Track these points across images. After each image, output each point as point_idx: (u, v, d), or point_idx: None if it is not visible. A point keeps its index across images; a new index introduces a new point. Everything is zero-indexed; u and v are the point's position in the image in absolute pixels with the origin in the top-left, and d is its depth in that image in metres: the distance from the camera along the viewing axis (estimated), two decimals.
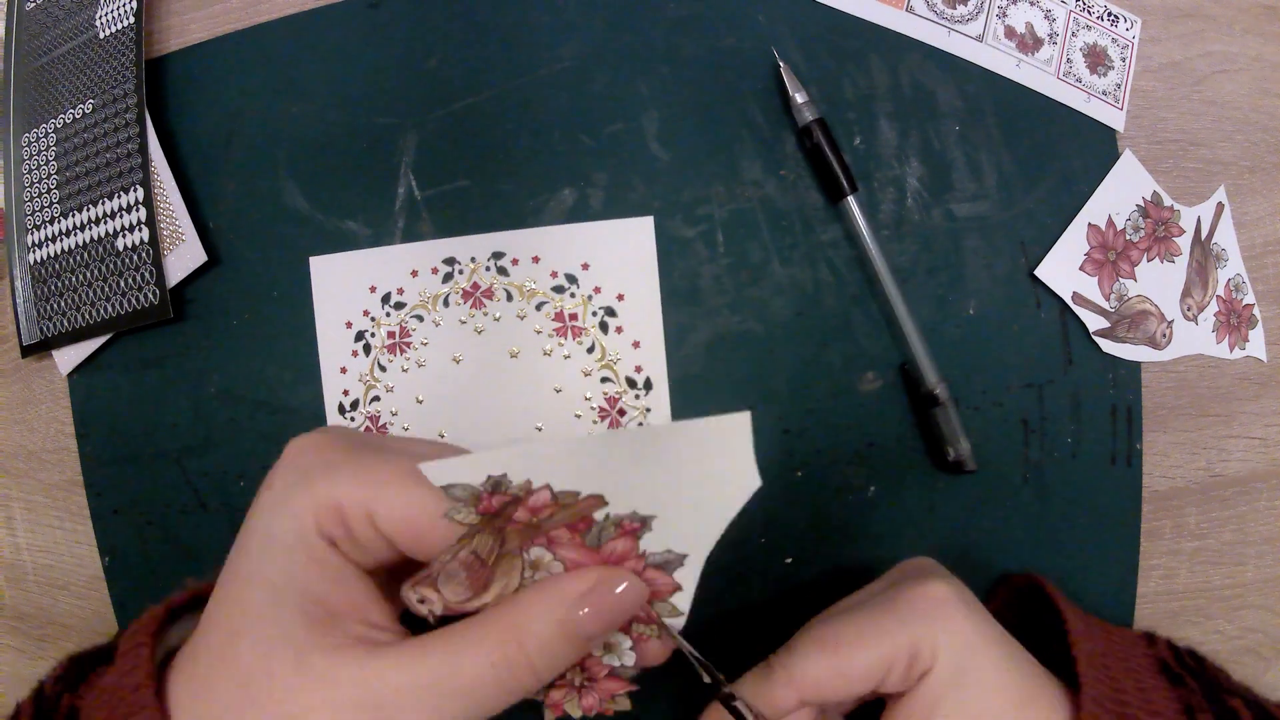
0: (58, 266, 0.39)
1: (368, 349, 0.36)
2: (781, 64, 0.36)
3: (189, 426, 0.38)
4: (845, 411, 0.37)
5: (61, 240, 0.39)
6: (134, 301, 0.37)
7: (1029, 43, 0.39)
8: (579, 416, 0.35)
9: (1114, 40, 0.40)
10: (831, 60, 0.37)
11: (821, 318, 0.36)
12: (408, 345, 0.36)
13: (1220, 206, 0.40)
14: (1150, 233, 0.39)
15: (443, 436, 0.36)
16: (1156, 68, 0.40)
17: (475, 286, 0.36)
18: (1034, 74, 0.38)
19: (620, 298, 0.36)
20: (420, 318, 0.36)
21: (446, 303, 0.36)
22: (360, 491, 0.20)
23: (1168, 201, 0.39)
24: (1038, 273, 0.37)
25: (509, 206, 0.37)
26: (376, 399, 0.36)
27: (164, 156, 0.37)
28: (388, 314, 0.36)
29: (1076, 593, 0.38)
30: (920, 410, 0.36)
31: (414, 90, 0.38)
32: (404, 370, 0.36)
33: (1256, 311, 0.40)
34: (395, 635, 0.22)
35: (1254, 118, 0.41)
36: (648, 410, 0.36)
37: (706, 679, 0.25)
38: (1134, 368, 0.38)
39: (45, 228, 0.40)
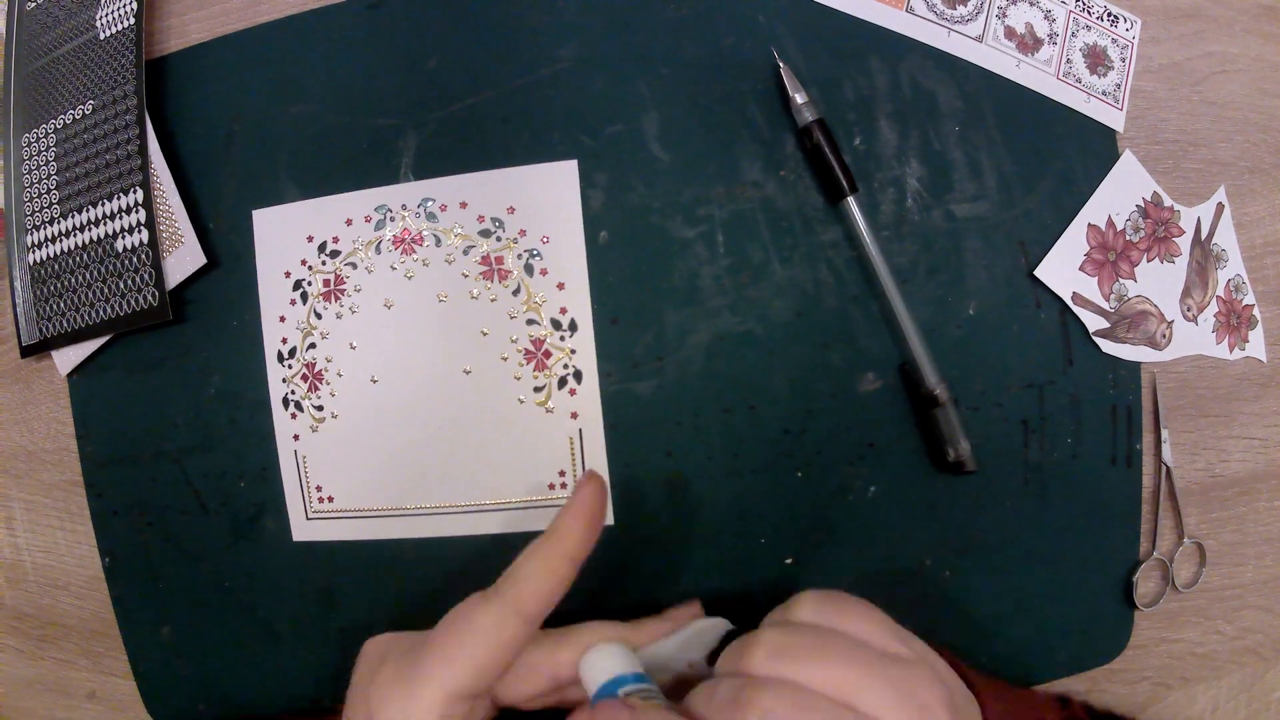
0: (57, 267, 0.39)
1: (305, 297, 0.37)
2: (781, 64, 0.36)
3: (189, 427, 0.38)
4: (845, 412, 0.37)
5: (61, 241, 0.39)
6: (133, 303, 0.37)
7: (1029, 43, 0.39)
8: (505, 359, 0.36)
9: (1114, 41, 0.40)
10: (831, 61, 0.37)
11: (822, 318, 0.36)
12: (342, 292, 0.37)
13: (1220, 207, 0.40)
14: (1150, 233, 0.39)
15: (375, 381, 0.37)
16: (1157, 68, 0.40)
17: (405, 233, 0.37)
18: (1034, 74, 0.38)
19: (545, 240, 0.36)
20: (354, 265, 0.37)
21: (379, 249, 0.37)
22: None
23: (1168, 202, 0.39)
24: (1038, 273, 0.37)
25: None
26: (312, 346, 0.37)
27: (164, 158, 0.37)
28: (323, 262, 0.37)
29: (1076, 593, 0.38)
30: (920, 411, 0.36)
31: (414, 91, 0.37)
32: (338, 317, 0.37)
33: (1256, 312, 0.40)
34: None
35: (1254, 118, 0.41)
36: (572, 351, 0.36)
37: None
38: (1134, 368, 0.38)
39: (45, 228, 0.40)
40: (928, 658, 0.26)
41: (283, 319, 0.38)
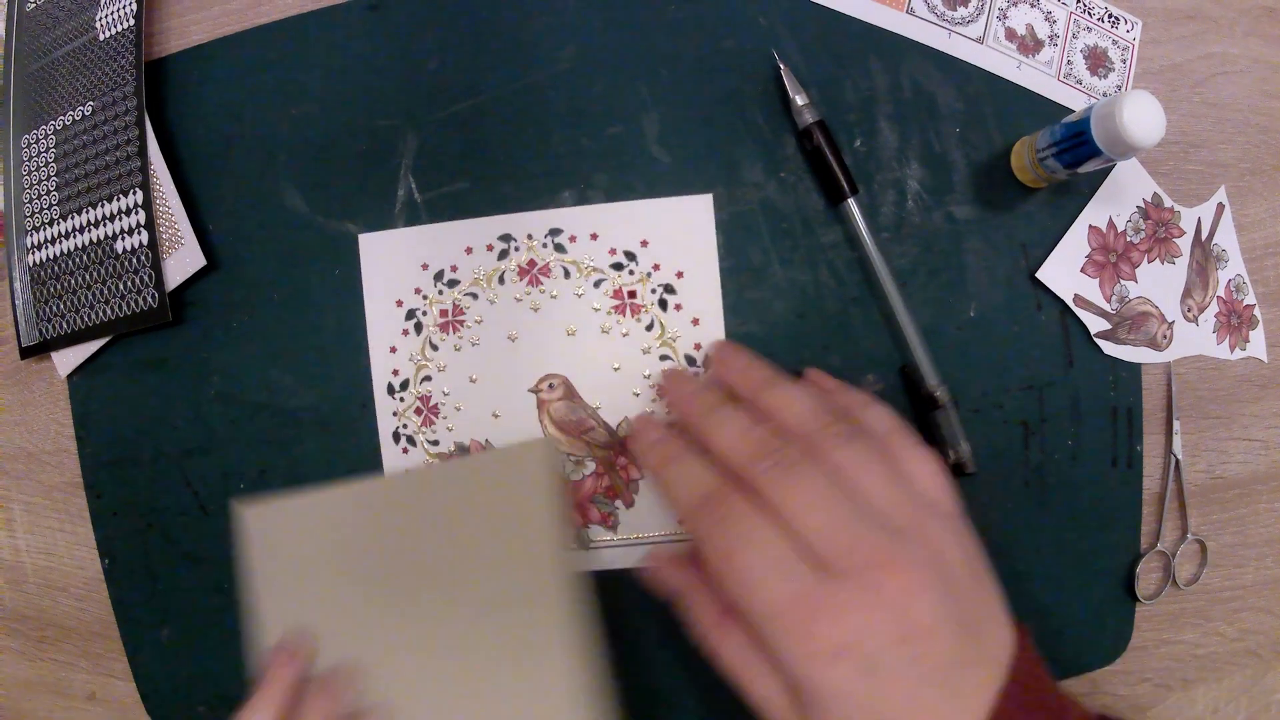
0: (57, 268, 0.39)
1: (419, 327, 0.36)
2: (782, 66, 0.36)
3: (189, 429, 0.38)
4: None
5: (61, 242, 0.39)
6: (133, 304, 0.37)
7: (1029, 44, 0.39)
8: (637, 395, 0.35)
9: (1114, 42, 0.40)
10: (832, 62, 0.37)
11: (822, 320, 0.36)
12: (461, 324, 0.35)
13: (1220, 207, 0.40)
14: (1151, 234, 0.39)
15: (497, 416, 0.35)
16: (1157, 70, 0.40)
17: (532, 264, 0.35)
18: (1034, 76, 0.38)
19: (679, 275, 0.36)
20: (474, 295, 0.35)
21: (502, 280, 0.35)
22: None
23: (1168, 203, 0.39)
24: (1039, 275, 0.37)
25: (509, 208, 0.37)
26: (428, 379, 0.36)
27: (163, 159, 0.37)
28: (440, 291, 0.36)
29: (1077, 595, 0.38)
30: (921, 412, 0.36)
31: (414, 92, 0.37)
32: (456, 349, 0.35)
33: (1257, 312, 0.40)
34: None
35: (1254, 120, 0.41)
36: None
37: None
38: (1135, 369, 0.38)
39: (45, 229, 0.40)
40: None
41: (394, 350, 0.36)
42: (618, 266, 0.35)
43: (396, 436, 0.36)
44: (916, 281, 0.37)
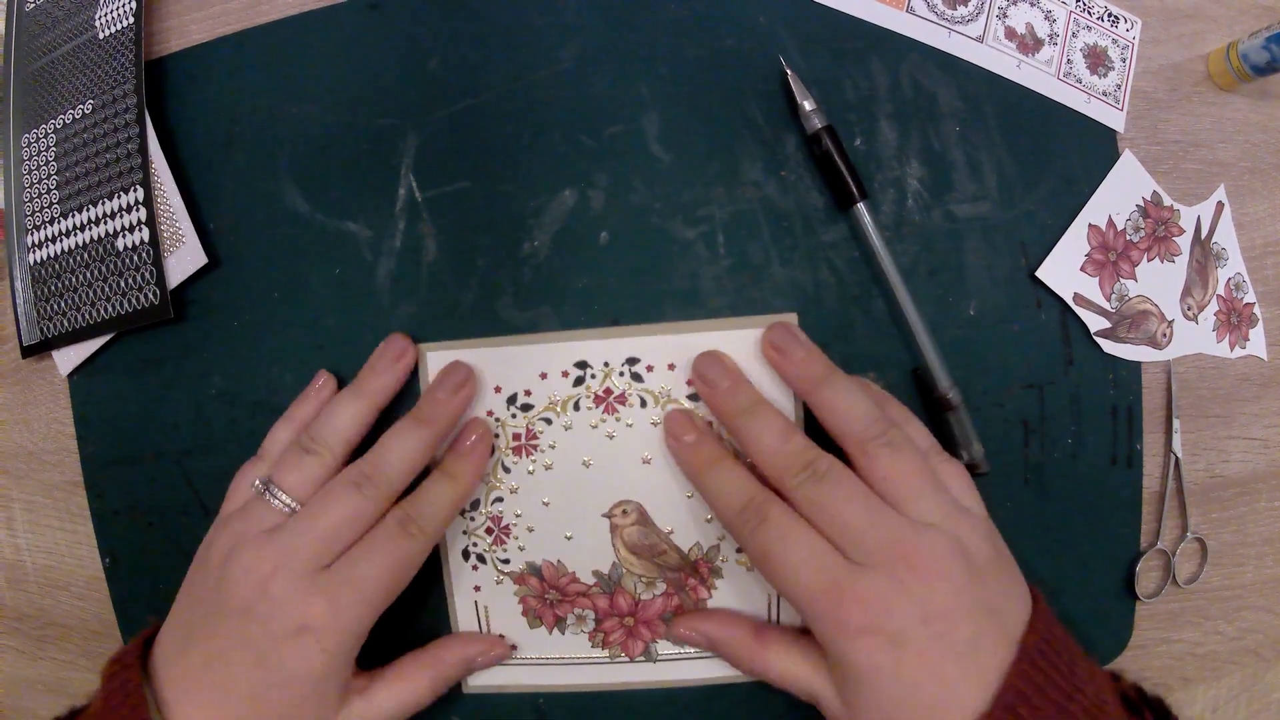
0: (58, 267, 0.39)
1: (492, 450, 0.35)
2: (789, 71, 0.36)
3: (190, 428, 0.38)
4: None
5: (61, 241, 0.39)
6: (134, 302, 0.37)
7: (1029, 43, 0.39)
8: (710, 520, 0.35)
9: (1114, 41, 0.40)
10: (832, 61, 0.37)
11: (822, 319, 0.36)
12: (534, 448, 0.35)
13: (1220, 205, 0.40)
14: (1150, 232, 0.39)
15: (569, 539, 0.35)
16: (1157, 69, 0.40)
17: (608, 392, 0.35)
18: (1034, 75, 0.38)
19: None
20: (549, 420, 0.35)
21: (577, 406, 0.35)
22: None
23: (1167, 201, 0.39)
24: (1039, 273, 0.37)
25: (510, 207, 0.37)
26: (499, 500, 0.35)
27: (164, 157, 0.37)
28: (513, 415, 0.35)
29: (1076, 593, 0.38)
30: (933, 415, 0.36)
31: (414, 91, 0.37)
32: (529, 472, 0.35)
33: (1257, 310, 0.41)
34: (363, 680, 0.33)
35: (1254, 119, 0.41)
36: None
37: None
38: (1134, 368, 0.38)
39: (45, 228, 0.40)
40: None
41: None
42: (694, 397, 0.35)
43: (466, 554, 0.36)
44: (916, 280, 0.37)
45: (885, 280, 0.35)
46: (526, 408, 0.35)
